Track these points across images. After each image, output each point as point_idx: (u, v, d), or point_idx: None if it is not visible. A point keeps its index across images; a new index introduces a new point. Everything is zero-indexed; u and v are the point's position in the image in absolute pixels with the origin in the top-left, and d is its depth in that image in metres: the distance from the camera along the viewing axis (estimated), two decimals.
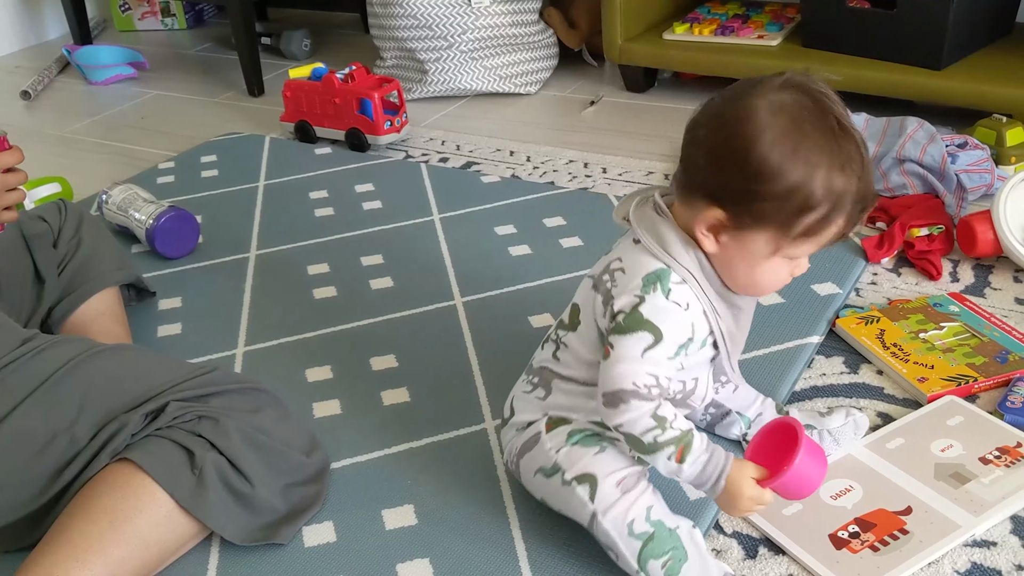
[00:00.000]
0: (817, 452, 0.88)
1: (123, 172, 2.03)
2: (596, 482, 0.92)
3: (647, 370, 0.87)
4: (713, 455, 0.88)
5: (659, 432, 0.87)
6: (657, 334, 0.87)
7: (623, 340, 0.88)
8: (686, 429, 0.88)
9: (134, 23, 3.19)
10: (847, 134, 0.83)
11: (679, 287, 0.88)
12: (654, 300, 0.87)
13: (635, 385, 0.87)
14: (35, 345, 1.02)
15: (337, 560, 1.01)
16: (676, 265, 0.88)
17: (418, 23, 2.22)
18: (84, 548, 0.91)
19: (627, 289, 0.89)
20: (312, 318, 1.44)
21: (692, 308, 0.89)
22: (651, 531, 0.90)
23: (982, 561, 0.94)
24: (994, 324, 1.26)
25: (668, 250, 0.89)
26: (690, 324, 0.89)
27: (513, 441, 1.02)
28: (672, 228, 0.89)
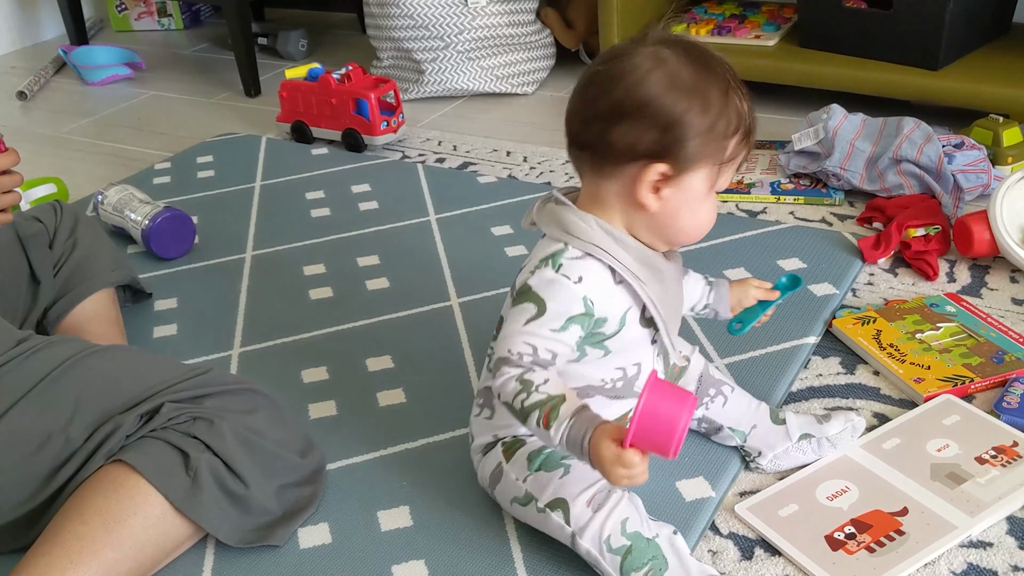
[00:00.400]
0: (672, 391, 0.79)
1: (119, 173, 2.03)
2: (567, 505, 0.92)
3: (524, 339, 0.88)
4: (579, 419, 0.84)
5: (524, 396, 0.86)
6: (540, 304, 0.88)
7: (511, 311, 0.90)
8: (555, 394, 0.86)
9: (130, 23, 3.18)
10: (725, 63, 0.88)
11: (573, 261, 0.89)
12: (542, 273, 0.89)
13: (509, 352, 0.88)
14: (30, 346, 1.02)
15: (332, 562, 1.01)
16: (576, 241, 0.89)
17: (415, 23, 2.21)
18: (78, 550, 0.90)
19: (526, 268, 0.92)
20: (308, 319, 1.44)
21: (588, 281, 0.88)
22: (628, 544, 0.89)
23: (978, 562, 0.94)
24: (990, 324, 1.26)
25: (569, 230, 0.90)
26: (581, 297, 0.88)
27: (481, 468, 1.03)
28: (573, 211, 0.91)
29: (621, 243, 0.90)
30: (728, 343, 1.27)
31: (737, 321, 1.07)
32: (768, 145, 1.84)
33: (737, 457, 1.09)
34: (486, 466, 1.01)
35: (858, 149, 1.61)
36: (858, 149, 1.61)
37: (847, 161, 1.61)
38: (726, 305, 1.07)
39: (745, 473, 1.08)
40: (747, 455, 1.08)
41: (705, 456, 1.09)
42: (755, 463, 1.07)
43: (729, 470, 1.07)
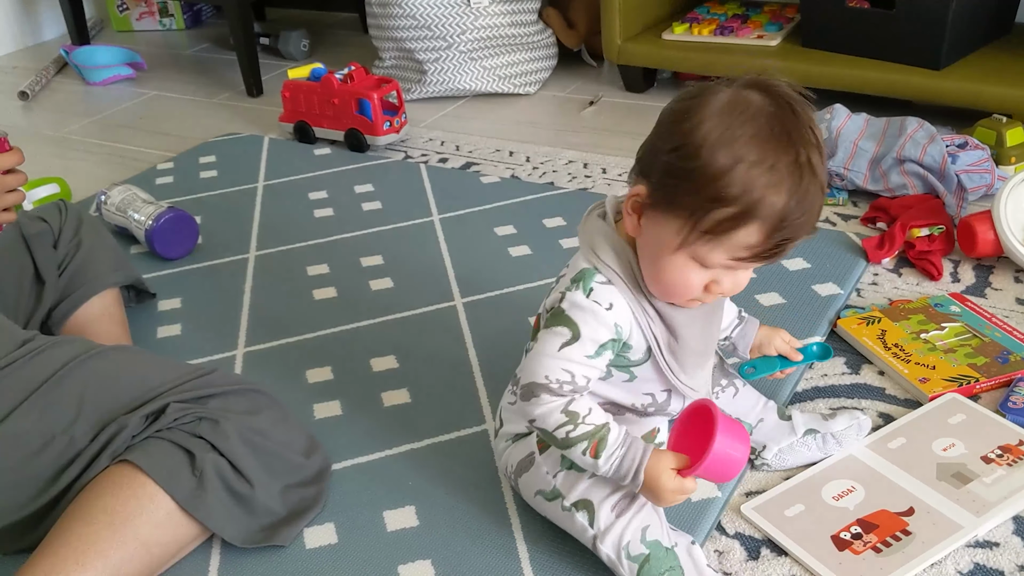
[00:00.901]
0: (736, 430, 0.85)
1: (121, 173, 2.03)
2: (593, 508, 0.92)
3: (562, 366, 0.87)
4: (630, 449, 0.87)
5: (571, 428, 0.87)
6: (575, 330, 0.87)
7: (544, 334, 0.89)
8: (600, 424, 0.87)
9: (132, 23, 3.18)
10: (795, 144, 0.77)
11: (602, 287, 0.88)
12: (574, 297, 0.88)
13: (547, 379, 0.88)
14: (34, 346, 1.02)
15: (338, 562, 1.01)
16: (602, 265, 0.88)
17: (417, 23, 2.21)
18: (84, 550, 0.90)
19: (558, 288, 0.91)
20: (312, 319, 1.44)
21: (617, 308, 0.88)
22: (647, 552, 0.90)
23: (985, 562, 0.94)
24: (995, 324, 1.26)
25: (596, 251, 0.89)
26: (613, 324, 0.87)
27: (507, 455, 1.02)
28: (604, 231, 0.89)
29: (637, 281, 0.88)
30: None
31: (750, 366, 1.07)
32: None
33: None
34: (514, 454, 1.01)
35: (862, 149, 1.61)
36: (862, 149, 1.61)
37: (851, 161, 1.61)
38: (747, 344, 1.07)
39: (751, 473, 1.08)
40: (752, 450, 1.08)
41: None
42: (760, 458, 1.07)
43: None
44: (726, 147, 0.77)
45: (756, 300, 1.37)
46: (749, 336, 1.06)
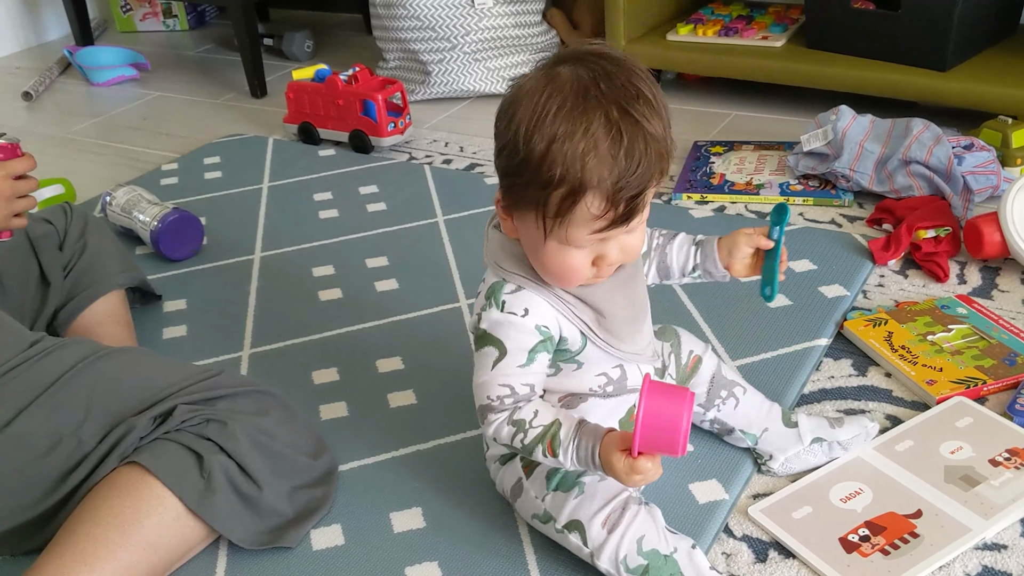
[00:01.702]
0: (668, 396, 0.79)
1: (125, 174, 2.03)
2: (583, 527, 0.92)
3: (499, 382, 0.89)
4: (582, 440, 0.86)
5: (522, 435, 0.89)
6: (500, 347, 0.88)
7: (477, 356, 0.91)
8: (548, 423, 0.88)
9: (135, 24, 3.18)
10: (604, 103, 0.76)
11: (514, 296, 0.88)
12: (489, 315, 0.88)
13: (489, 399, 0.90)
14: (42, 348, 1.02)
15: (345, 563, 1.01)
16: (507, 274, 0.88)
17: (421, 24, 2.21)
18: (92, 552, 0.90)
19: (475, 308, 0.91)
20: (317, 320, 1.44)
21: (535, 311, 0.87)
22: (645, 564, 0.89)
23: (993, 564, 0.94)
24: (1002, 326, 1.26)
25: (499, 262, 0.89)
26: (534, 328, 0.87)
27: (500, 479, 1.03)
28: (500, 240, 0.89)
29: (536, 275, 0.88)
30: (739, 345, 1.27)
31: (765, 287, 0.99)
32: (776, 146, 1.84)
33: (750, 459, 1.08)
34: (505, 478, 1.01)
35: (867, 150, 1.61)
36: (867, 150, 1.61)
37: (856, 162, 1.61)
38: (714, 261, 0.99)
39: (758, 475, 1.07)
40: (759, 457, 1.08)
41: (718, 458, 1.09)
42: (767, 466, 1.07)
43: (742, 472, 1.07)
44: (539, 130, 0.77)
45: (763, 302, 1.36)
46: (712, 253, 0.99)
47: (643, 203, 0.81)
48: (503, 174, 0.83)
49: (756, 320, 1.32)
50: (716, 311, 1.35)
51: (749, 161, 1.79)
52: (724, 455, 1.09)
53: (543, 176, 0.77)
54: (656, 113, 0.78)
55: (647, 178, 0.78)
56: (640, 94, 0.78)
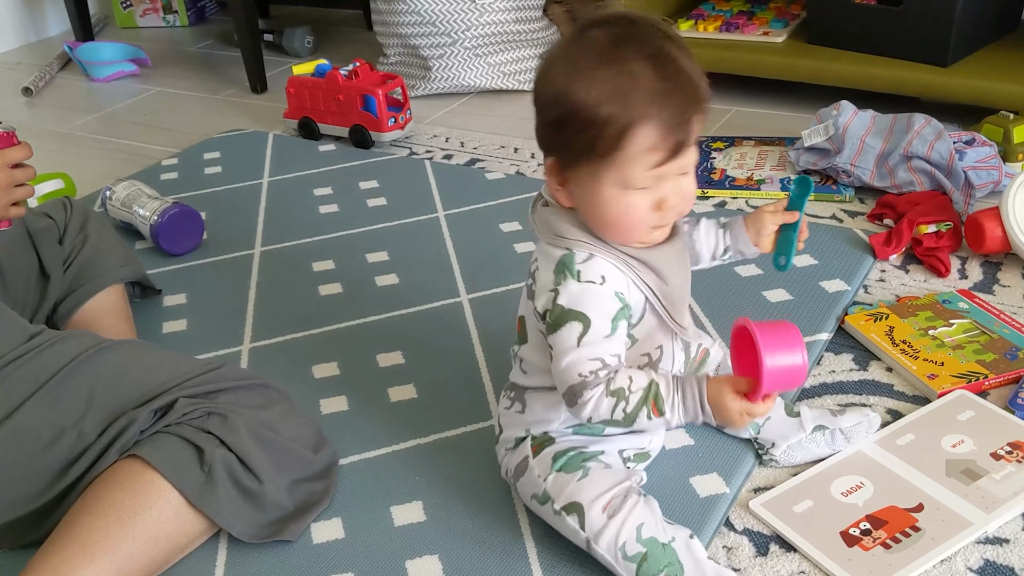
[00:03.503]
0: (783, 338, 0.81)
1: (125, 168, 2.03)
2: (583, 510, 0.92)
3: (587, 356, 0.86)
4: (685, 390, 0.87)
5: (624, 403, 0.87)
6: (584, 320, 0.86)
7: (557, 337, 0.88)
8: (647, 384, 0.87)
9: (136, 20, 3.18)
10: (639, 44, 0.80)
11: (587, 264, 0.87)
12: (567, 287, 0.87)
13: (581, 375, 0.87)
14: (42, 340, 1.01)
15: (345, 557, 1.01)
16: (574, 243, 0.87)
17: (422, 19, 2.21)
18: (92, 544, 0.90)
19: (543, 287, 0.89)
20: (318, 314, 1.44)
21: (610, 278, 0.87)
22: (643, 551, 0.89)
23: (995, 558, 0.94)
24: (1004, 321, 1.26)
25: (561, 233, 0.88)
26: (613, 294, 0.87)
27: (506, 460, 1.02)
28: (559, 213, 0.89)
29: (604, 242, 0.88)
30: None
31: (780, 256, 1.01)
32: (778, 142, 1.84)
33: (751, 453, 1.08)
34: (513, 458, 1.00)
35: (868, 146, 1.61)
36: (868, 146, 1.61)
37: (857, 157, 1.61)
38: (746, 240, 1.01)
39: (759, 469, 1.07)
40: (760, 447, 1.08)
41: (719, 452, 1.09)
42: (768, 455, 1.07)
43: (743, 466, 1.07)
44: (579, 80, 0.80)
45: (763, 297, 1.37)
46: (741, 234, 1.01)
47: (692, 134, 0.83)
48: (552, 136, 0.84)
49: (757, 314, 1.32)
50: (716, 305, 1.35)
51: (750, 156, 1.79)
52: (725, 448, 1.09)
53: (591, 119, 0.80)
54: (687, 54, 0.82)
55: (690, 106, 0.81)
56: (669, 37, 0.82)
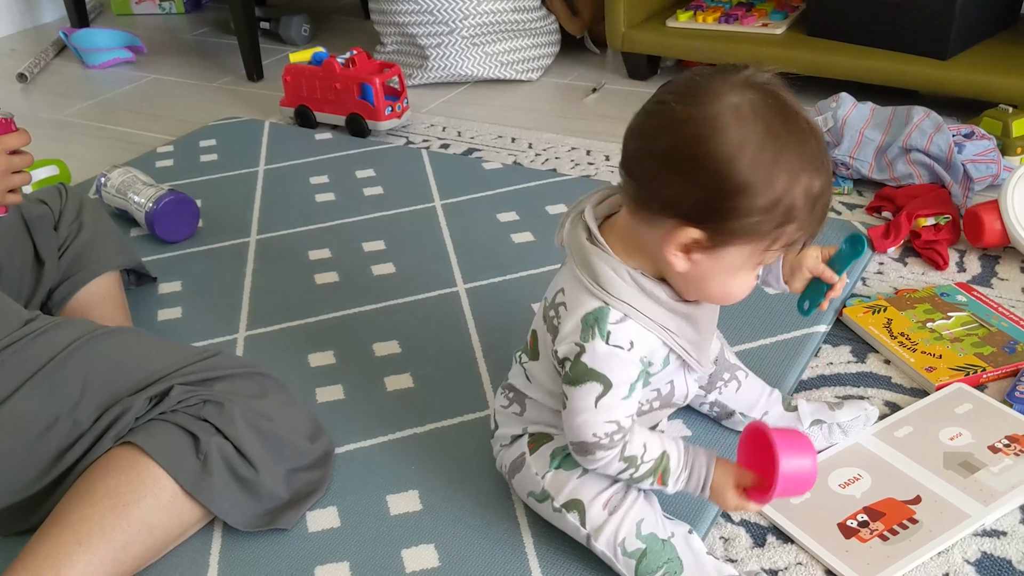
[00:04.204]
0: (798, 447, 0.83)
1: (120, 156, 2.02)
2: (583, 507, 0.91)
3: (604, 419, 0.85)
4: (693, 469, 0.88)
5: (633, 470, 0.88)
6: (605, 382, 0.84)
7: (574, 392, 0.86)
8: (658, 456, 0.87)
9: (131, 7, 3.16)
10: (812, 131, 0.78)
11: (619, 326, 0.83)
12: (594, 348, 0.83)
13: (595, 436, 0.86)
14: (38, 326, 1.01)
15: (341, 545, 1.00)
16: (614, 301, 0.83)
17: (419, 8, 2.20)
18: (87, 532, 0.89)
19: (567, 335, 0.85)
20: (314, 303, 1.43)
21: (638, 344, 0.84)
22: (643, 547, 0.89)
23: (992, 551, 0.94)
24: (1002, 314, 1.25)
25: (604, 286, 0.83)
26: (637, 360, 0.85)
27: (502, 457, 1.02)
28: (605, 259, 0.84)
29: (652, 297, 0.84)
30: (738, 331, 1.27)
31: (805, 300, 0.98)
32: None
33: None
34: (508, 455, 1.00)
35: (867, 138, 1.60)
36: (867, 138, 1.60)
37: (856, 150, 1.60)
38: (778, 275, 0.98)
39: None
40: None
41: (717, 444, 1.09)
42: None
43: None
44: (779, 172, 0.75)
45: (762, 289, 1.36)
46: (777, 271, 0.98)
47: None
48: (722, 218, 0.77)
49: (755, 307, 1.32)
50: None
51: None
52: (723, 440, 1.09)
53: (783, 213, 0.77)
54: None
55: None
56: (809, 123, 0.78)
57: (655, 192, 0.79)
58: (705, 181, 0.76)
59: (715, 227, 0.78)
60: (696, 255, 0.80)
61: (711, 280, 0.83)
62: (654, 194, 0.79)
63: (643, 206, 0.81)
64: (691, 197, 0.77)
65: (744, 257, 0.80)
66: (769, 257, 0.82)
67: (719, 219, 0.77)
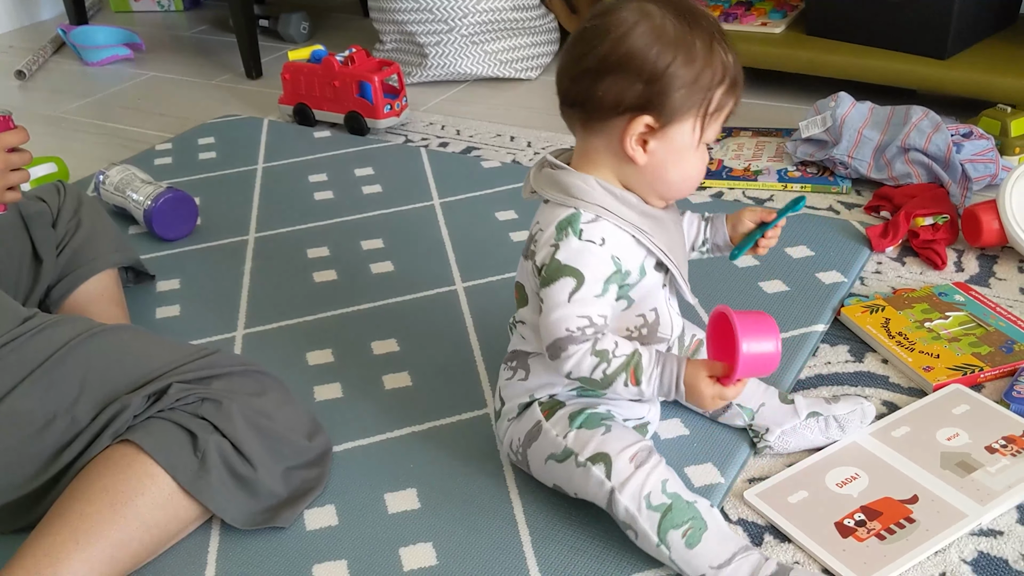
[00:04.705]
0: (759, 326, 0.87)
1: (119, 153, 2.02)
2: (610, 460, 0.92)
3: (577, 312, 0.90)
4: (665, 366, 0.91)
5: (605, 365, 0.90)
6: (578, 276, 0.89)
7: (549, 291, 0.91)
8: (631, 352, 0.91)
9: (130, 4, 3.16)
10: (708, 15, 0.89)
11: (591, 225, 0.90)
12: (567, 244, 0.90)
13: (568, 331, 0.90)
14: (36, 324, 1.01)
15: (339, 543, 1.00)
16: (584, 204, 0.90)
17: (418, 6, 2.20)
18: (84, 529, 0.89)
19: (544, 243, 0.92)
20: (312, 301, 1.43)
21: (610, 241, 0.90)
22: (669, 502, 0.90)
23: (989, 550, 0.94)
24: (999, 314, 1.25)
25: (573, 194, 0.91)
26: (610, 257, 0.90)
27: (511, 432, 1.02)
28: (573, 174, 0.92)
29: (622, 200, 0.91)
30: None
31: (736, 248, 1.04)
32: (775, 133, 1.84)
33: (746, 443, 1.08)
34: (520, 428, 1.01)
35: (866, 137, 1.61)
36: (866, 137, 1.61)
37: (855, 149, 1.60)
38: (723, 235, 1.06)
39: (754, 459, 1.07)
40: (754, 434, 1.08)
41: (714, 442, 1.09)
42: (763, 441, 1.07)
43: (738, 456, 1.07)
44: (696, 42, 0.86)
45: (760, 288, 1.36)
46: (721, 228, 1.06)
47: None
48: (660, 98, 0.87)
49: (752, 305, 1.32)
50: (712, 296, 1.34)
51: (747, 147, 1.78)
52: (720, 438, 1.09)
53: (710, 76, 0.87)
54: None
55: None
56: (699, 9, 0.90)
57: (600, 101, 0.88)
58: (637, 72, 0.86)
59: (659, 107, 0.87)
60: (652, 143, 0.89)
61: (669, 167, 0.91)
62: (599, 104, 0.88)
63: (593, 119, 0.90)
64: (631, 90, 0.87)
65: (689, 133, 0.89)
66: (710, 133, 0.91)
67: (659, 98, 0.87)
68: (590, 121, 0.91)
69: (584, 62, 0.88)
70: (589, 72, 0.88)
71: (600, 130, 0.90)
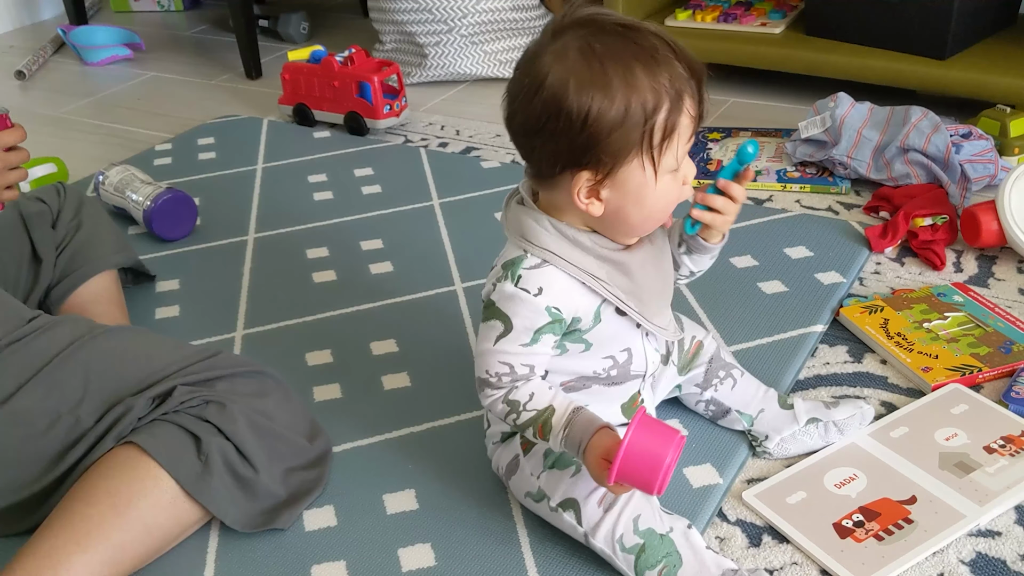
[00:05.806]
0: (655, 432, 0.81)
1: (119, 153, 2.02)
2: (578, 506, 0.92)
3: (499, 359, 0.89)
4: (572, 432, 0.87)
5: (515, 416, 0.90)
6: (506, 322, 0.88)
7: (482, 327, 0.90)
8: (542, 408, 0.89)
9: (130, 4, 3.16)
10: (637, 30, 0.81)
11: (532, 272, 0.87)
12: (502, 288, 0.87)
13: (487, 374, 0.89)
14: (39, 324, 1.01)
15: (338, 544, 1.00)
16: (533, 248, 0.87)
17: (418, 6, 2.20)
18: (85, 532, 0.90)
19: (491, 277, 0.90)
20: (311, 302, 1.43)
21: (551, 290, 0.86)
22: (641, 543, 0.89)
23: (987, 551, 0.94)
24: (998, 314, 1.26)
25: (526, 235, 0.88)
26: (544, 308, 0.86)
27: (497, 457, 1.02)
28: (530, 213, 0.88)
29: (576, 244, 0.87)
30: (734, 331, 1.27)
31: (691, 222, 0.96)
32: (774, 133, 1.84)
33: (744, 444, 1.08)
34: (503, 456, 1.01)
35: (865, 138, 1.61)
36: (865, 138, 1.61)
37: (854, 150, 1.61)
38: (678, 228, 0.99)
39: (753, 460, 1.07)
40: (754, 439, 1.08)
41: (712, 443, 1.09)
42: (762, 447, 1.07)
43: (737, 457, 1.07)
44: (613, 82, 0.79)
45: (759, 288, 1.36)
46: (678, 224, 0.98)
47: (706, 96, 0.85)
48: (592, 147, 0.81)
49: (751, 306, 1.32)
50: (712, 296, 1.35)
51: None
52: (718, 439, 1.09)
53: (640, 111, 0.79)
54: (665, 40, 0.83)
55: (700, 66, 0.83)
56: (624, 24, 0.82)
57: (539, 160, 0.85)
58: (559, 129, 0.80)
59: (594, 159, 0.81)
60: (604, 192, 0.84)
61: (628, 210, 0.85)
62: (539, 162, 0.85)
63: (540, 176, 0.87)
64: (561, 147, 0.81)
65: (640, 172, 0.82)
66: (669, 160, 0.83)
67: (591, 150, 0.81)
68: (538, 178, 0.87)
69: (514, 122, 0.85)
70: (519, 133, 0.85)
71: (551, 186, 0.86)
